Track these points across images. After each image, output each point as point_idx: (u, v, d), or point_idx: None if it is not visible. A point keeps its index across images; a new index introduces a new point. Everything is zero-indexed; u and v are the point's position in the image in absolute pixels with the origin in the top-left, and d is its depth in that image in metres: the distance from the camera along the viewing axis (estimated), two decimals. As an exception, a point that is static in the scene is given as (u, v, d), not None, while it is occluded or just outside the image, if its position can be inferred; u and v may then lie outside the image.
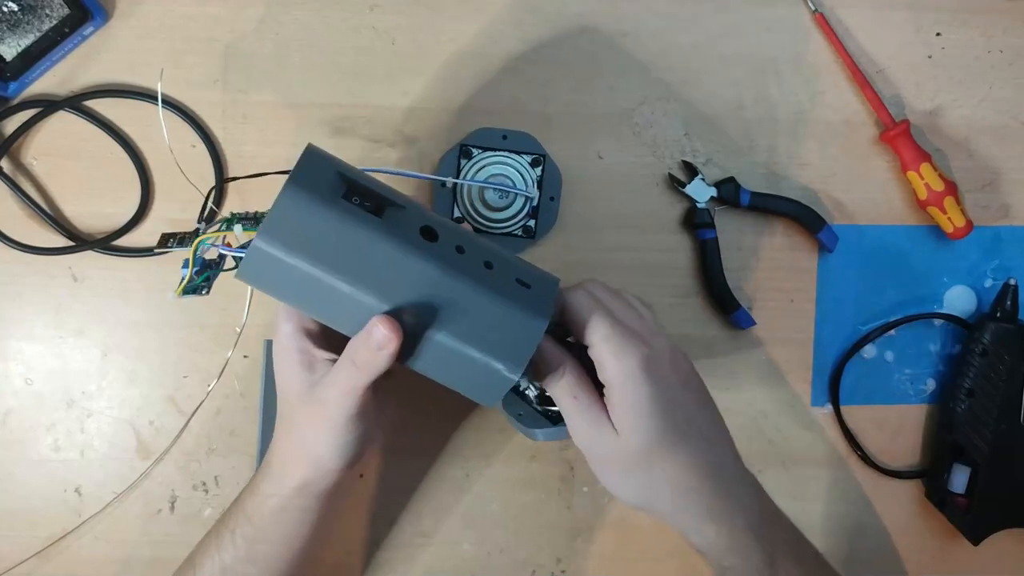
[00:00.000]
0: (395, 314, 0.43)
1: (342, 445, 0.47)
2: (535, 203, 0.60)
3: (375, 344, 0.43)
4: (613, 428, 0.46)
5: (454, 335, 0.43)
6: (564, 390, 0.46)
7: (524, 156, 0.60)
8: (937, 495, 0.63)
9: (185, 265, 0.46)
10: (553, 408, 0.50)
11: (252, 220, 0.46)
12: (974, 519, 0.62)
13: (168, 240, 0.48)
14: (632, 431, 0.46)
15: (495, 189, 0.59)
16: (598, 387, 0.47)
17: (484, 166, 0.60)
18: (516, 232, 0.60)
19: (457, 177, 0.59)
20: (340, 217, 0.42)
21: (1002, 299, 0.62)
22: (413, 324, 0.43)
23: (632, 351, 0.45)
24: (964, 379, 0.62)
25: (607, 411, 0.46)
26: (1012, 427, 0.61)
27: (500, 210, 0.60)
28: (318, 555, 0.53)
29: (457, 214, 0.60)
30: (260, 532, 0.50)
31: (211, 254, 0.47)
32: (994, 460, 0.61)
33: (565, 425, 0.48)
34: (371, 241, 0.42)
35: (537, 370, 0.47)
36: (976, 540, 0.62)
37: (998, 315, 0.62)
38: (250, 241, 0.42)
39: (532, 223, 0.60)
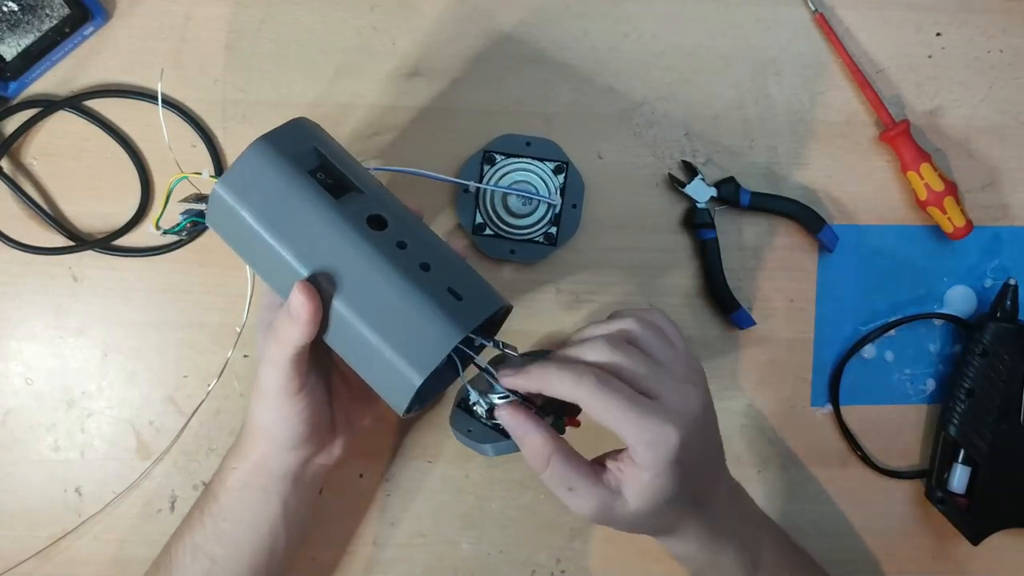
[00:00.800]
0: (317, 288, 0.44)
1: (284, 419, 0.48)
2: (557, 210, 0.60)
3: (292, 311, 0.44)
4: (623, 498, 0.43)
5: (371, 326, 0.43)
6: (555, 481, 0.44)
7: (547, 163, 0.60)
8: (937, 495, 0.63)
9: (184, 213, 0.48)
10: None
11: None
12: (974, 519, 0.62)
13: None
14: (650, 506, 0.43)
15: (518, 195, 0.59)
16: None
17: (507, 172, 0.60)
18: (538, 239, 0.60)
19: (480, 183, 0.59)
20: (292, 183, 0.44)
21: (1002, 299, 0.62)
22: (336, 306, 0.44)
23: (663, 441, 0.42)
24: (964, 379, 0.62)
25: (610, 478, 0.44)
26: (1012, 427, 0.61)
27: (523, 216, 0.60)
28: (292, 551, 0.54)
29: (479, 220, 0.60)
30: (224, 510, 0.51)
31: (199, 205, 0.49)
32: (994, 460, 0.61)
33: None
34: (312, 214, 0.44)
35: (526, 453, 0.45)
36: (976, 540, 0.62)
37: (998, 315, 0.62)
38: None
39: (554, 230, 0.60)
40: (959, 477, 0.62)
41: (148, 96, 0.59)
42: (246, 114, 0.60)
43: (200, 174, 0.47)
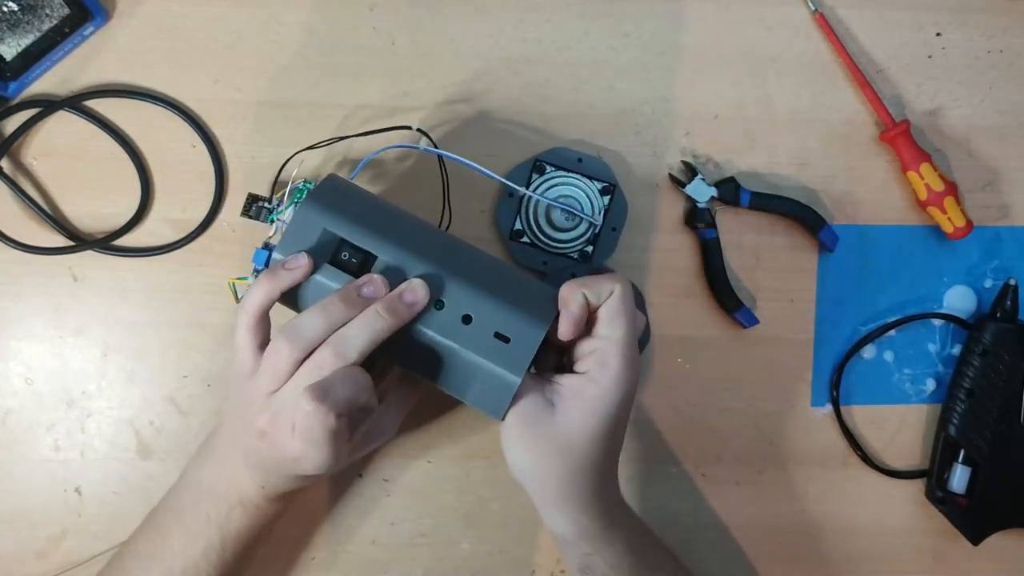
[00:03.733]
0: None
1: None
2: (597, 230, 0.60)
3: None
4: (562, 410, 0.47)
5: (459, 340, 0.48)
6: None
7: (596, 182, 0.60)
8: (937, 495, 0.63)
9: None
10: None
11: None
12: (974, 519, 0.62)
13: (255, 202, 0.57)
14: (595, 423, 0.47)
15: (563, 210, 0.59)
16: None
17: (555, 185, 0.60)
18: (572, 255, 0.60)
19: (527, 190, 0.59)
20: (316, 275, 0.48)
21: (1002, 299, 0.62)
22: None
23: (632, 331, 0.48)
24: (964, 379, 0.62)
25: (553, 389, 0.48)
26: (1012, 427, 0.61)
27: (563, 231, 0.60)
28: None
29: (519, 226, 0.60)
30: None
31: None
32: (994, 460, 0.61)
33: None
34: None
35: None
36: (976, 540, 0.62)
37: (998, 315, 0.62)
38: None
39: (590, 249, 0.60)
40: (959, 477, 0.62)
41: (148, 96, 0.59)
42: (246, 114, 0.60)
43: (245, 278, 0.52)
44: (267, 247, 0.49)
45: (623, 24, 0.62)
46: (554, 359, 0.51)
